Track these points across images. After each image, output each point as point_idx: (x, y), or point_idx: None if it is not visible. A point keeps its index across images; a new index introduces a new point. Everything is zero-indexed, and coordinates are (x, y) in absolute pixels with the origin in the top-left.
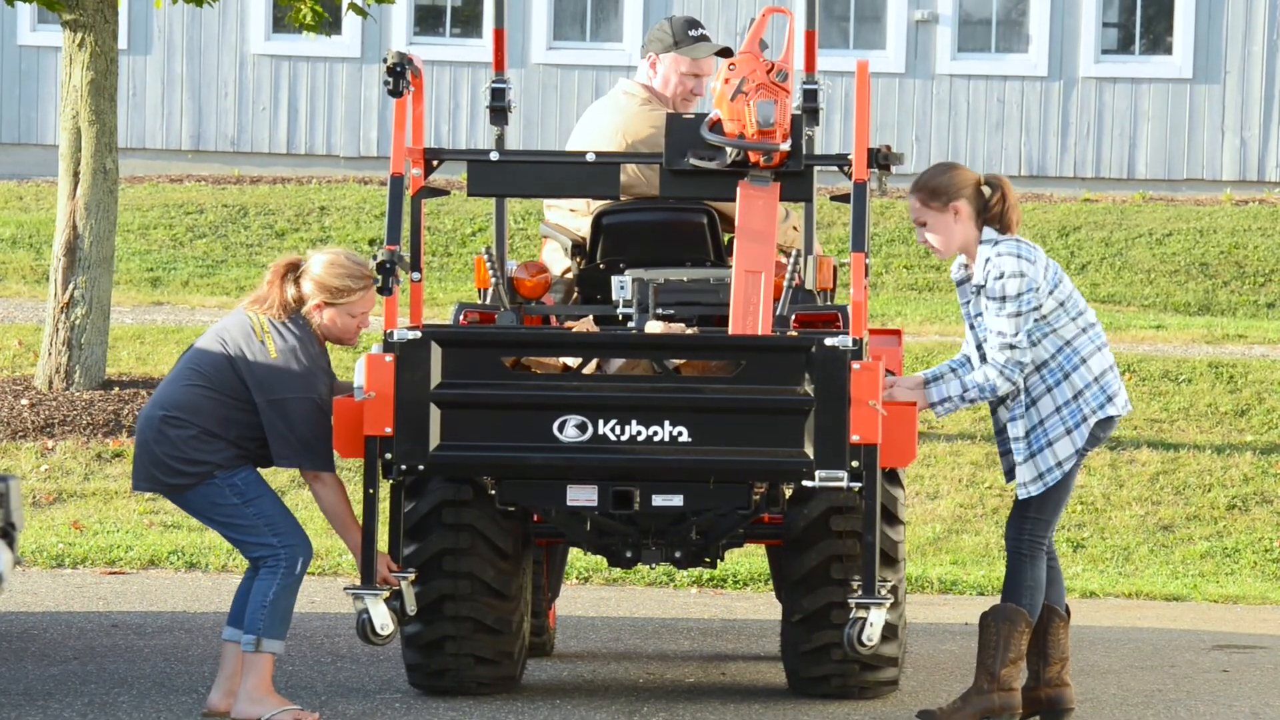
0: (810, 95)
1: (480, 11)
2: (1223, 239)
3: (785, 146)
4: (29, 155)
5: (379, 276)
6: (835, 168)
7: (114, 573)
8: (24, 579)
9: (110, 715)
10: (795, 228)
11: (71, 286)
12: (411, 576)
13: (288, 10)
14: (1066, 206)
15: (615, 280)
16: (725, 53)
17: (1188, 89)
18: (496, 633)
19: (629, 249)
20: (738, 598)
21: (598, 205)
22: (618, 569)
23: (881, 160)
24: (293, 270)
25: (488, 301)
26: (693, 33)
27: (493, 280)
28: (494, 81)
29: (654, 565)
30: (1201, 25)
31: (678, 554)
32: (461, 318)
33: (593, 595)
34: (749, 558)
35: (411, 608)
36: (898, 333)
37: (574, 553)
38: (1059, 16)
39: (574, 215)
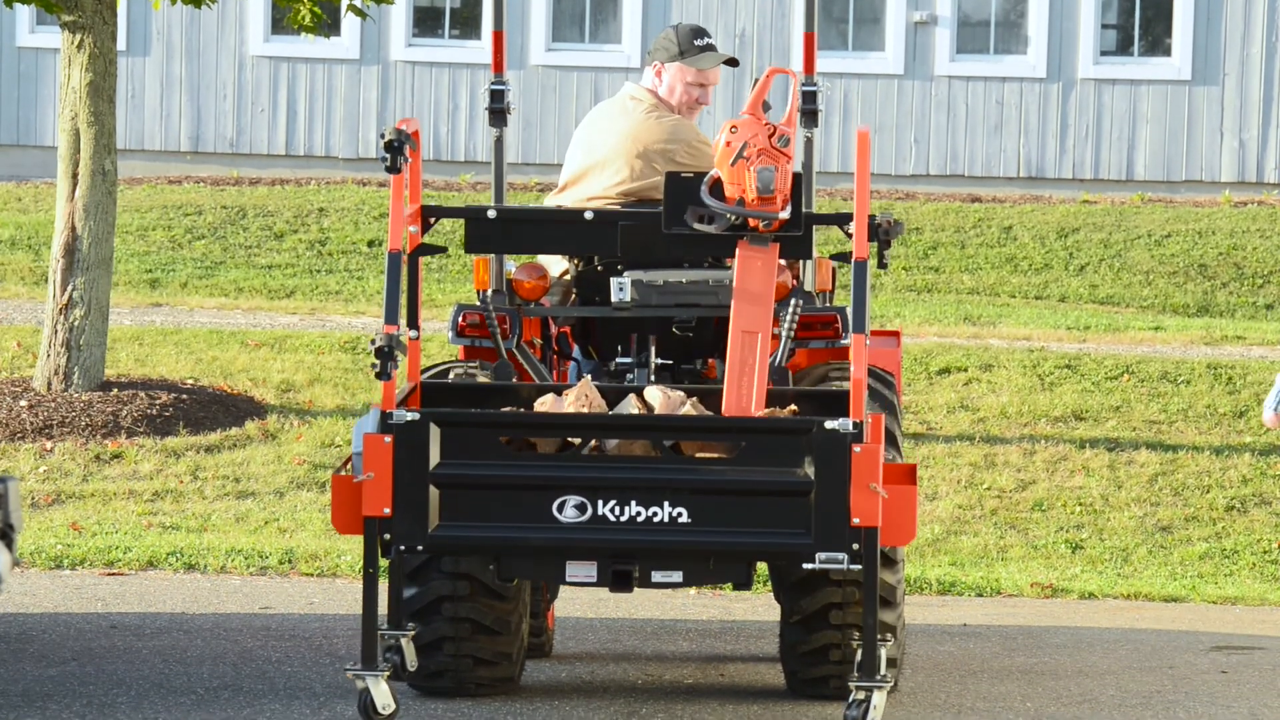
0: (809, 97)
1: (479, 13)
2: (1221, 240)
3: (785, 215)
4: (28, 157)
5: (377, 361)
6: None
7: (112, 574)
8: (22, 580)
9: (109, 716)
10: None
11: (70, 288)
12: (411, 633)
13: (286, 12)
14: (1065, 208)
15: (614, 281)
16: (731, 63)
17: (1186, 91)
18: (495, 633)
19: None
20: (736, 599)
21: (597, 205)
22: None
23: (882, 235)
24: None
25: (488, 302)
26: (698, 42)
27: (491, 284)
28: (493, 83)
29: None
30: (1200, 27)
31: None
32: (460, 319)
33: (591, 596)
34: None
35: (412, 663)
36: (896, 334)
37: None
38: (1058, 18)
39: None
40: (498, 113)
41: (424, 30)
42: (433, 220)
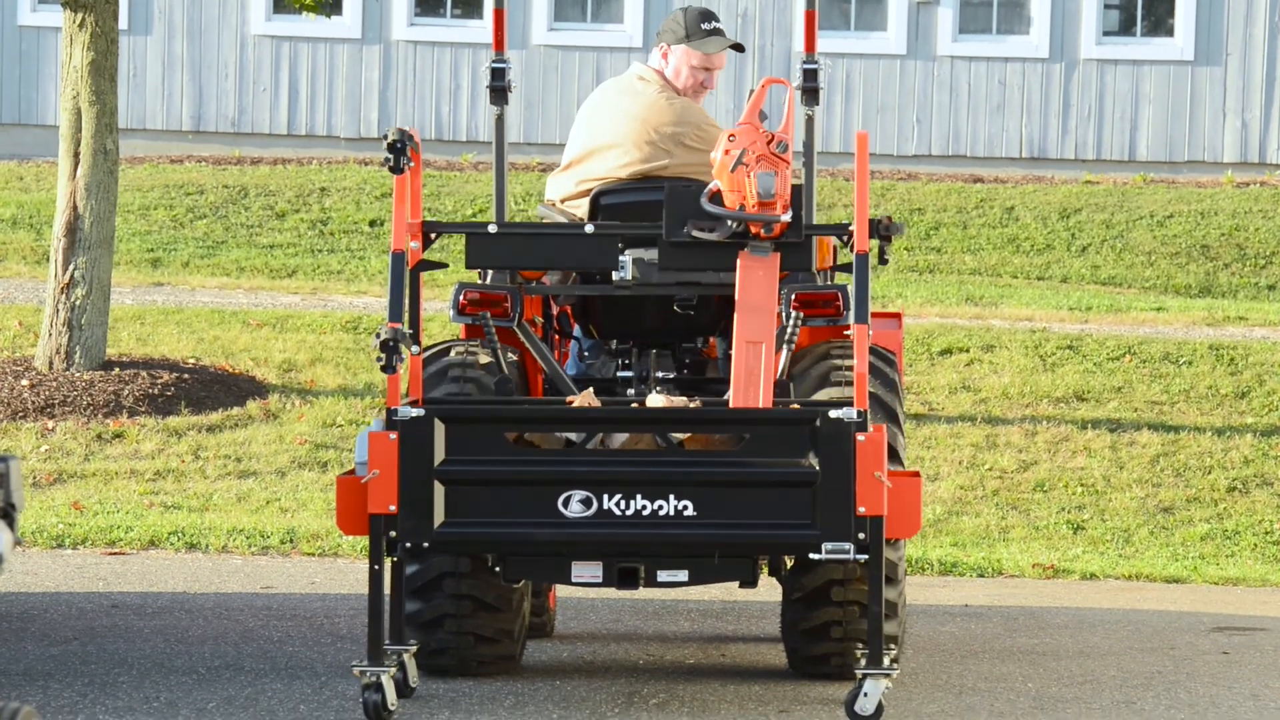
0: (810, 75)
1: None
2: (1224, 221)
3: (786, 218)
4: (29, 136)
5: (382, 355)
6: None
7: (114, 553)
8: (24, 559)
9: (110, 695)
10: None
11: (72, 267)
12: (414, 648)
13: None
14: (1067, 189)
15: None
16: (738, 48)
17: (1189, 71)
18: (496, 610)
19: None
20: None
21: (596, 185)
22: None
23: (883, 232)
24: None
25: (487, 281)
26: (705, 26)
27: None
28: (494, 61)
29: None
30: (1203, 7)
31: None
32: (461, 297)
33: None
34: None
35: (414, 680)
36: (898, 315)
37: None
38: None
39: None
40: (499, 91)
41: (426, 9)
42: (433, 236)
